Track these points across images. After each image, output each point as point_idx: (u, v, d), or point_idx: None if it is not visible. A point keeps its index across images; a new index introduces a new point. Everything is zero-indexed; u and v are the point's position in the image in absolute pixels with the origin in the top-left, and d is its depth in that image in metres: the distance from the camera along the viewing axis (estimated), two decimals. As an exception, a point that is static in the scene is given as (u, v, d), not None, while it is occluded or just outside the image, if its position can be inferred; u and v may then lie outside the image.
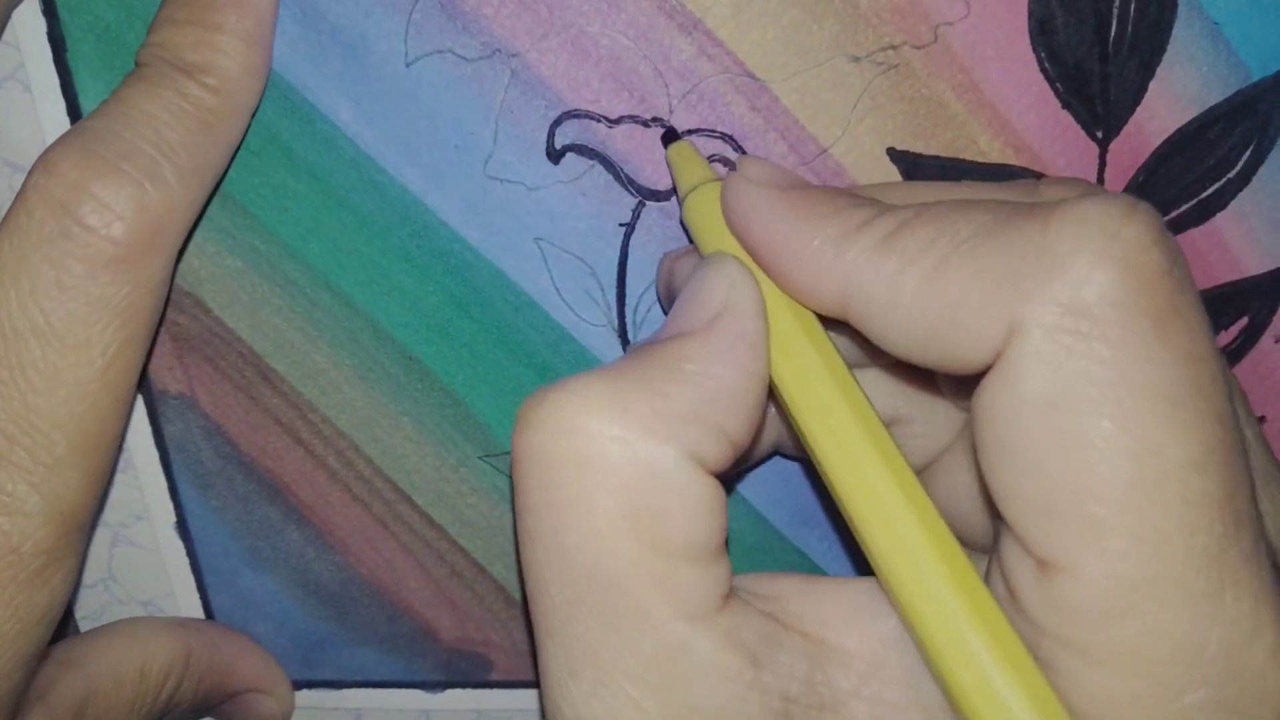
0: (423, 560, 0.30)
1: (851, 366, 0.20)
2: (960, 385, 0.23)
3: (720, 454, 0.19)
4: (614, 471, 0.18)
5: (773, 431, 0.25)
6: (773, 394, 0.21)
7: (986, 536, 0.23)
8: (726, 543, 0.20)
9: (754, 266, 0.21)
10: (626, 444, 0.18)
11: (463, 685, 0.32)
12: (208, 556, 0.31)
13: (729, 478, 0.27)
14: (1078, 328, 0.16)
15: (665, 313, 0.26)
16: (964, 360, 0.18)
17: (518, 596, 0.31)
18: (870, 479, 0.19)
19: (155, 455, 0.29)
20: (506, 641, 0.31)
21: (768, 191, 0.21)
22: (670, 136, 0.25)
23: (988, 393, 0.17)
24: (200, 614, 0.31)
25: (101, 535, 0.30)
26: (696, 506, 0.18)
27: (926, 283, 0.18)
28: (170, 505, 0.30)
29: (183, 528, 0.30)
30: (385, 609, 0.31)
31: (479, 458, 0.29)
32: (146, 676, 0.28)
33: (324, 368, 0.28)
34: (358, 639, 0.32)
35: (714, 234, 0.22)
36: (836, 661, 0.19)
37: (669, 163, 0.25)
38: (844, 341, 0.22)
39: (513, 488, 0.19)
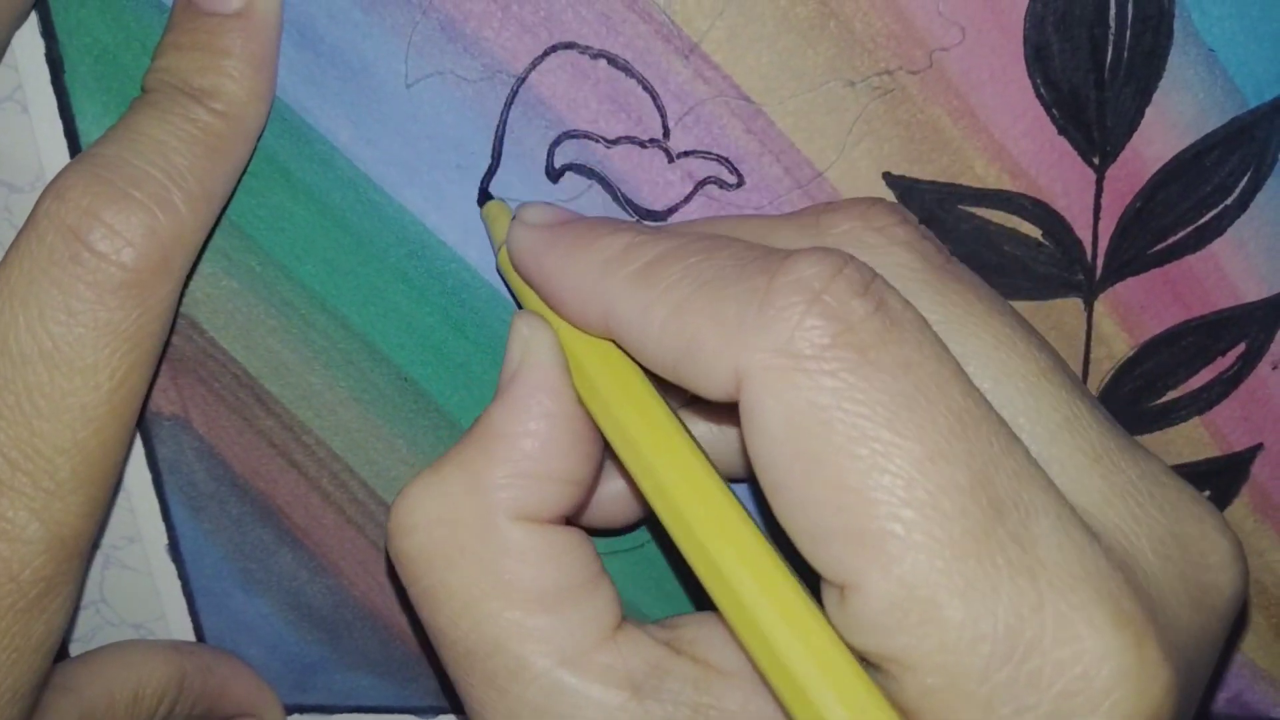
0: (416, 584, 0.30)
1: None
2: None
3: (560, 498, 0.20)
4: (457, 551, 0.20)
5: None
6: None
7: None
8: (598, 577, 0.21)
9: (545, 311, 0.22)
10: (455, 525, 0.20)
11: (456, 711, 0.32)
12: (200, 579, 0.31)
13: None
14: (797, 368, 0.17)
15: None
16: (710, 392, 0.19)
17: (512, 621, 0.30)
18: (677, 495, 0.19)
19: (148, 477, 0.29)
20: (500, 667, 0.31)
21: (536, 230, 0.22)
22: (484, 198, 0.25)
23: (743, 434, 0.18)
24: (192, 637, 0.31)
25: (93, 557, 0.30)
26: (541, 558, 0.20)
27: (671, 318, 0.19)
28: (162, 527, 0.30)
29: (175, 550, 0.30)
30: (378, 633, 0.31)
31: (474, 480, 0.29)
32: (140, 700, 0.27)
33: (319, 389, 0.28)
34: (350, 663, 0.31)
35: (516, 287, 0.23)
36: (723, 685, 0.20)
37: (483, 221, 0.25)
38: None
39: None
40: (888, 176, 0.25)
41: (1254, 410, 0.29)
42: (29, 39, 0.25)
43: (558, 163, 0.25)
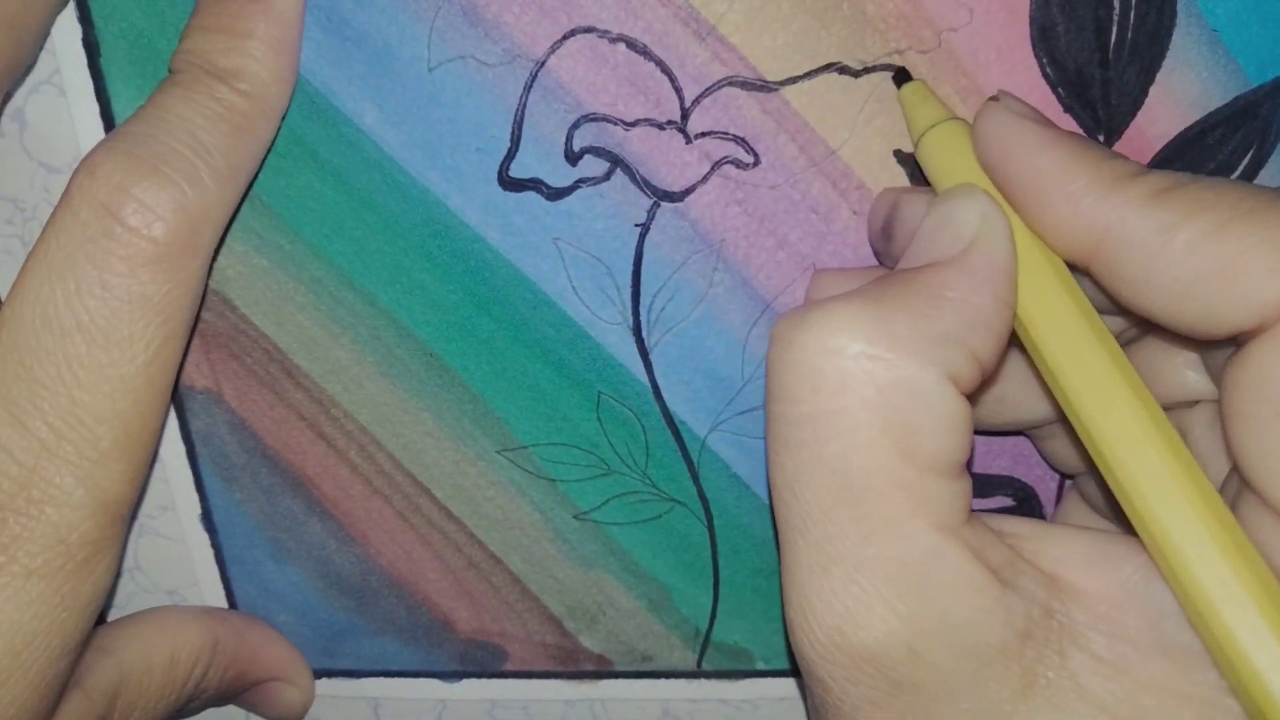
0: (441, 552, 0.31)
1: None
2: (1182, 354, 0.24)
3: (972, 376, 0.20)
4: (877, 389, 0.19)
5: (1017, 398, 0.26)
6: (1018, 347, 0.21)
7: None
8: (968, 462, 0.21)
9: (1002, 202, 0.21)
10: (890, 364, 0.19)
11: (478, 675, 0.33)
12: (231, 547, 0.31)
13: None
14: None
15: (877, 253, 0.26)
16: (1223, 321, 0.18)
17: (533, 588, 0.31)
18: (1123, 417, 0.19)
19: (182, 449, 0.30)
20: (521, 633, 0.32)
21: (1033, 125, 0.21)
22: (902, 77, 0.25)
23: (1254, 359, 0.18)
24: (224, 604, 0.32)
25: (132, 524, 0.31)
26: (950, 423, 0.20)
27: (1204, 239, 0.18)
28: (195, 497, 0.31)
29: (207, 519, 0.31)
30: (404, 600, 0.32)
31: (497, 452, 0.29)
32: (176, 664, 0.28)
33: (346, 364, 0.29)
34: (377, 629, 0.32)
35: (957, 170, 0.22)
36: (1073, 598, 0.20)
37: (901, 102, 0.25)
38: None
39: (768, 399, 0.21)
40: (898, 154, 0.26)
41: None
42: (66, 25, 0.25)
43: (576, 145, 0.26)
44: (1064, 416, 0.25)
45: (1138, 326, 0.25)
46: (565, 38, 0.25)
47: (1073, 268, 0.22)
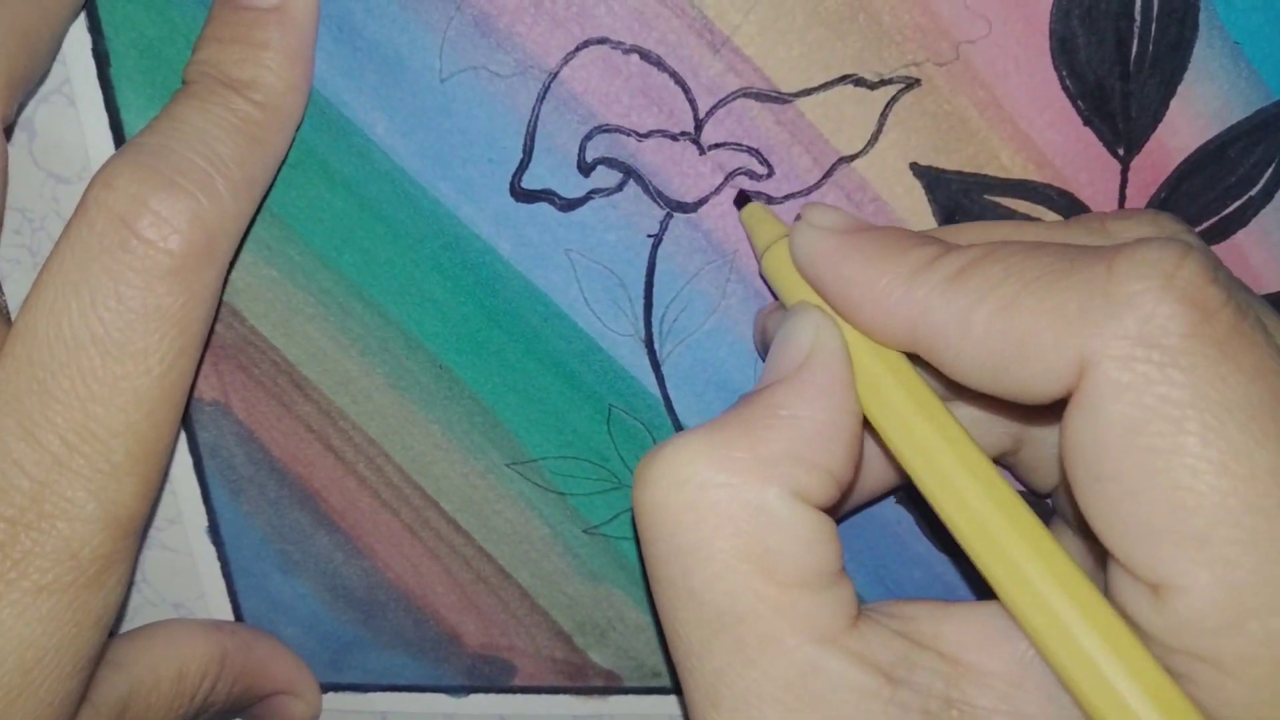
0: (449, 566, 0.31)
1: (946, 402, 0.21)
2: (1039, 414, 0.24)
3: (824, 489, 0.20)
4: (726, 515, 0.20)
5: (878, 474, 0.26)
6: (874, 433, 0.22)
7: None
8: (843, 569, 0.21)
9: (831, 312, 0.22)
10: (733, 488, 0.20)
11: (486, 690, 0.33)
12: (239, 560, 0.31)
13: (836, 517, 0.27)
14: (1149, 357, 0.17)
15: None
16: (1035, 392, 0.19)
17: (542, 603, 0.31)
18: (974, 506, 0.19)
19: (189, 460, 0.30)
20: (530, 647, 0.32)
21: (832, 236, 0.22)
22: (742, 200, 0.26)
23: (1071, 425, 0.18)
24: (230, 616, 0.32)
25: (145, 538, 0.31)
26: (806, 539, 0.20)
27: (997, 318, 0.19)
28: (203, 510, 0.30)
29: (214, 532, 0.31)
30: (411, 614, 0.31)
31: (506, 465, 0.29)
32: (184, 677, 0.28)
33: (355, 376, 0.28)
34: (384, 643, 0.32)
35: (793, 286, 0.23)
36: (974, 680, 0.20)
37: (743, 223, 0.26)
38: (933, 380, 0.23)
39: (638, 541, 0.21)
40: (915, 167, 0.26)
41: None
42: (76, 34, 0.25)
43: (589, 157, 0.26)
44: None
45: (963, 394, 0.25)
46: (578, 49, 0.25)
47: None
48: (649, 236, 0.26)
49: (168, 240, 0.22)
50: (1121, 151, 0.26)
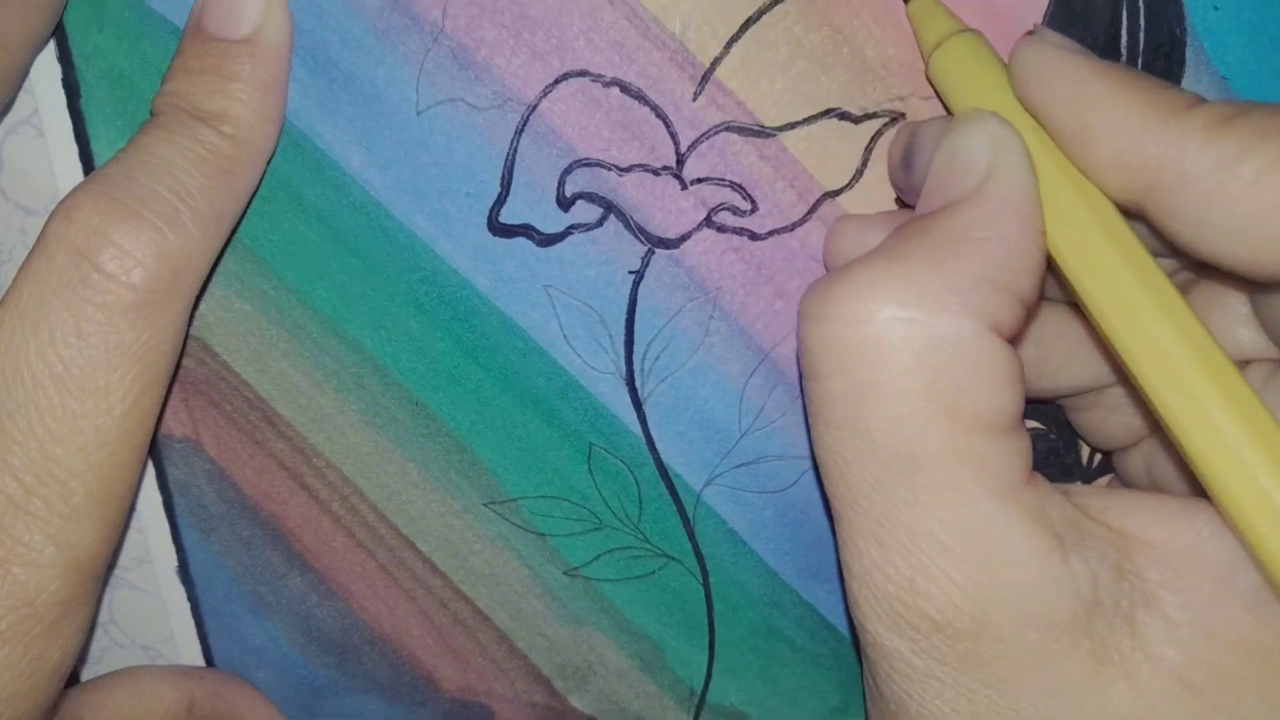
0: (425, 608, 0.30)
1: None
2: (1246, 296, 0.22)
3: (1014, 317, 0.19)
4: (913, 351, 0.18)
5: (1058, 363, 0.25)
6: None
7: None
8: (1022, 415, 0.19)
9: (1026, 127, 0.20)
10: (922, 324, 0.18)
11: (464, 734, 0.32)
12: (209, 601, 0.30)
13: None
14: None
15: (898, 188, 0.25)
16: None
17: (521, 646, 0.30)
18: (1190, 371, 0.18)
19: (158, 498, 0.29)
20: (509, 692, 0.31)
21: (1077, 57, 0.20)
22: None
23: None
24: (200, 659, 0.31)
25: (107, 579, 0.30)
26: (997, 375, 0.18)
27: (1269, 170, 0.17)
28: (172, 549, 0.30)
29: (184, 572, 0.30)
30: (387, 657, 0.31)
31: (484, 505, 0.29)
32: None
33: (330, 413, 0.28)
34: (359, 687, 0.31)
35: (974, 89, 0.21)
36: (1145, 554, 0.19)
37: (910, 18, 0.24)
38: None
39: (803, 378, 0.20)
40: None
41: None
42: (46, 64, 0.25)
43: (569, 191, 0.25)
44: (1111, 382, 0.24)
45: (1189, 271, 0.23)
46: (557, 81, 0.24)
47: (1125, 212, 0.20)
48: (630, 273, 0.26)
49: (130, 274, 0.22)
50: (1109, 187, 0.26)
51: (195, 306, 0.26)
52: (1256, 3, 0.24)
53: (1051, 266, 0.20)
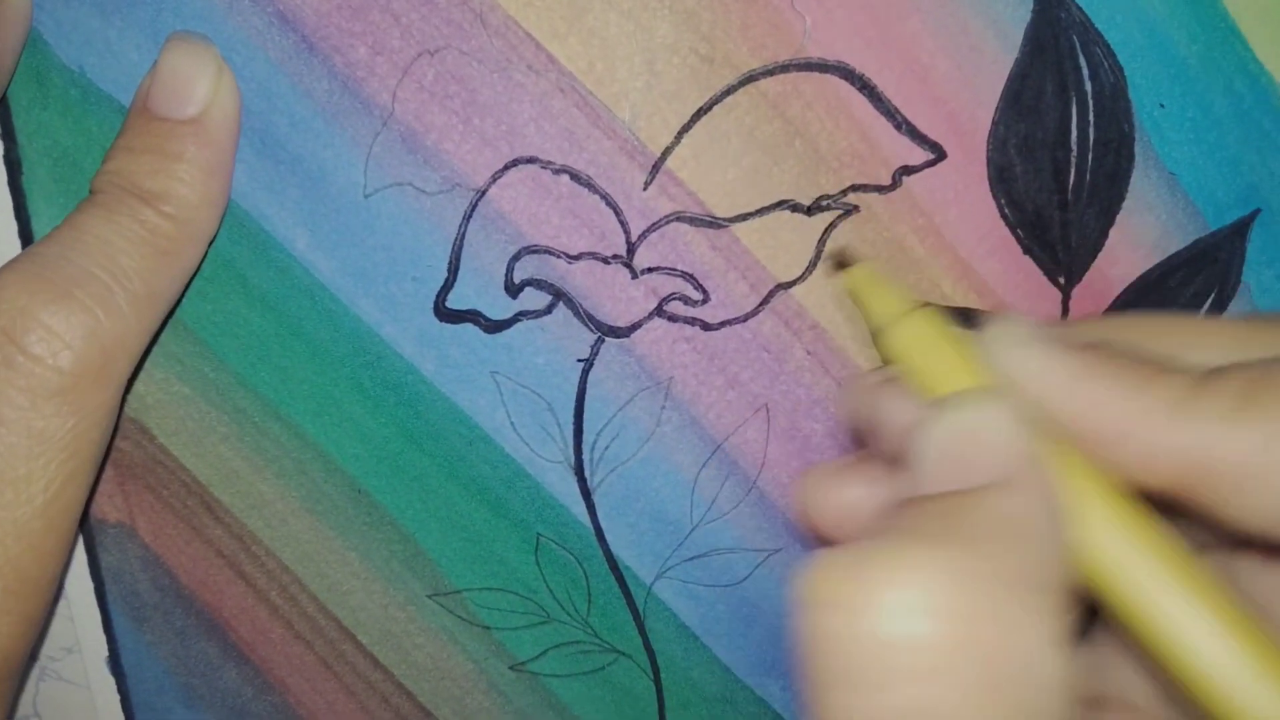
0: (366, 703, 0.29)
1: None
2: None
3: (1064, 620, 0.15)
4: (973, 661, 0.14)
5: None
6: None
7: None
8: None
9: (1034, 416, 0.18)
10: (977, 622, 0.14)
11: (405, 837, 0.30)
12: (140, 694, 0.29)
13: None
14: None
15: (857, 442, 0.22)
16: None
17: (466, 742, 0.29)
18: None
19: (90, 586, 0.28)
20: (453, 791, 0.30)
21: (1058, 351, 0.18)
22: (842, 263, 0.21)
23: None
24: (128, 757, 0.30)
25: (28, 672, 0.29)
26: (1069, 696, 0.15)
27: None
28: (103, 638, 0.29)
29: (115, 663, 0.29)
30: (325, 754, 0.30)
31: (428, 596, 0.28)
32: None
33: (270, 499, 0.27)
34: (295, 786, 0.30)
35: (944, 370, 0.19)
36: None
37: (848, 291, 0.21)
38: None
39: (816, 684, 0.15)
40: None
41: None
42: (-13, 141, 0.24)
43: (517, 277, 0.25)
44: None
45: (1225, 545, 0.21)
46: (507, 168, 0.24)
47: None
48: (579, 361, 0.25)
49: (58, 357, 0.21)
50: (1062, 280, 0.26)
51: (129, 388, 0.25)
52: (1201, 101, 0.25)
53: None
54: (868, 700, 0.14)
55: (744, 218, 0.25)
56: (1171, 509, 0.17)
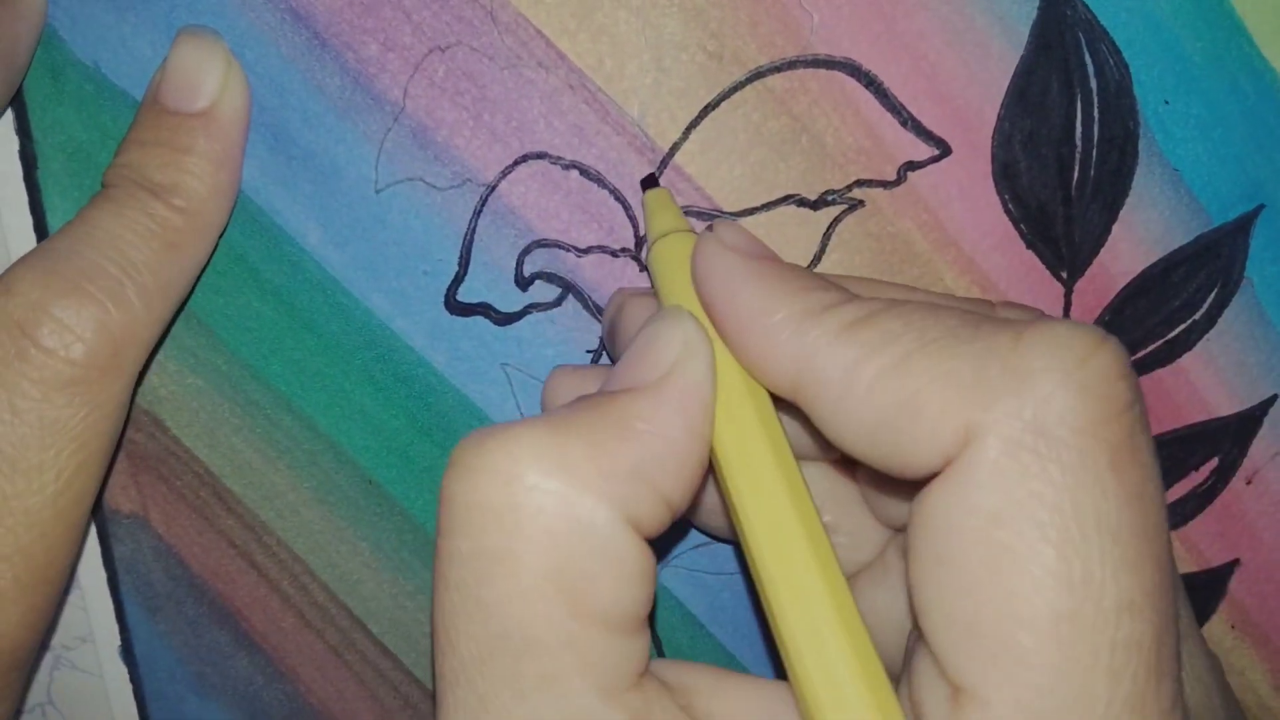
0: (375, 691, 0.29)
1: (798, 458, 0.20)
2: (892, 496, 0.23)
3: (657, 518, 0.18)
4: (547, 527, 0.17)
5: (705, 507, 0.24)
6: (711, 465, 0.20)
7: (895, 664, 0.22)
8: (651, 617, 0.19)
9: (710, 328, 0.20)
10: (564, 499, 0.17)
11: (414, 824, 0.31)
12: (153, 682, 0.30)
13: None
14: (1036, 446, 0.16)
15: (606, 349, 0.25)
16: (910, 460, 0.17)
17: (474, 731, 0.29)
18: (797, 571, 0.18)
19: (103, 576, 0.28)
20: (461, 778, 0.30)
21: (737, 257, 0.20)
22: (650, 182, 0.24)
23: (932, 497, 0.17)
24: (141, 744, 0.30)
25: (42, 658, 0.29)
26: (627, 573, 0.18)
27: (887, 375, 0.17)
28: (116, 628, 0.29)
29: (128, 652, 0.29)
30: (335, 741, 0.30)
31: (437, 586, 0.28)
32: None
33: (282, 490, 0.27)
34: (305, 773, 0.30)
35: (675, 285, 0.21)
36: None
37: (644, 205, 0.24)
38: (794, 429, 0.22)
39: (436, 531, 0.18)
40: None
41: (1229, 525, 0.28)
42: (3, 135, 0.25)
43: (527, 271, 0.25)
44: None
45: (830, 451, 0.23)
46: (516, 163, 0.24)
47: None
48: (588, 352, 0.26)
49: (69, 349, 0.21)
50: (1065, 275, 0.26)
51: (140, 381, 0.26)
52: (1206, 98, 0.25)
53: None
54: (451, 543, 0.18)
55: (750, 212, 0.25)
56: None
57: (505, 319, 0.25)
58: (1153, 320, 0.26)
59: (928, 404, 0.17)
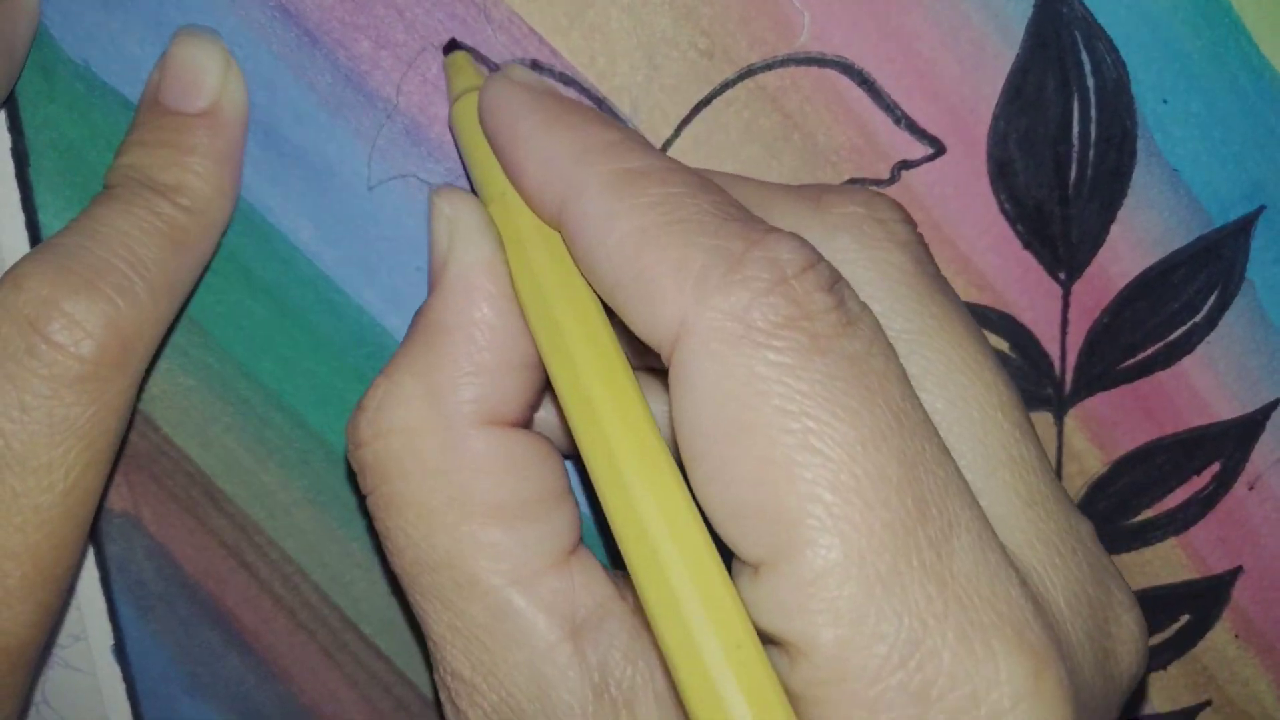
0: (367, 692, 0.29)
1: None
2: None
3: (520, 388, 0.19)
4: (410, 460, 0.19)
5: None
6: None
7: None
8: (561, 494, 0.20)
9: (498, 180, 0.20)
10: (410, 433, 0.19)
11: (407, 826, 0.31)
12: (145, 681, 0.30)
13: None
14: (744, 335, 0.16)
15: None
16: (640, 330, 0.17)
17: (467, 734, 0.29)
18: (610, 440, 0.17)
19: (96, 575, 0.28)
20: (454, 781, 0.30)
21: (521, 89, 0.20)
22: (451, 47, 0.23)
23: (671, 395, 0.17)
24: (133, 743, 0.30)
25: (47, 657, 0.29)
26: (499, 467, 0.19)
27: (628, 240, 0.17)
28: (109, 627, 0.29)
29: (120, 651, 0.29)
30: (327, 743, 0.30)
31: (428, 587, 0.28)
32: None
33: (273, 489, 0.27)
34: (297, 774, 0.30)
35: (474, 141, 0.21)
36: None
37: (445, 70, 0.24)
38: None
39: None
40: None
41: (1232, 532, 0.28)
42: (-5, 133, 0.25)
43: (517, 268, 0.25)
44: None
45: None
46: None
47: None
48: (579, 352, 0.26)
49: (79, 345, 0.21)
50: (1063, 275, 0.25)
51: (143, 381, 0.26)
52: (1204, 97, 0.25)
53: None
54: (368, 501, 0.20)
55: (743, 211, 0.25)
56: None
57: (496, 318, 0.25)
58: (1153, 322, 0.26)
59: (654, 285, 0.17)
